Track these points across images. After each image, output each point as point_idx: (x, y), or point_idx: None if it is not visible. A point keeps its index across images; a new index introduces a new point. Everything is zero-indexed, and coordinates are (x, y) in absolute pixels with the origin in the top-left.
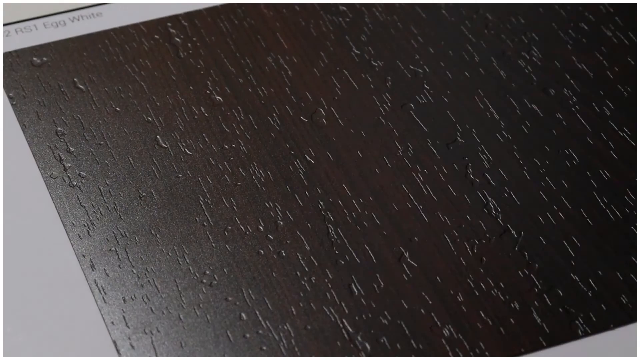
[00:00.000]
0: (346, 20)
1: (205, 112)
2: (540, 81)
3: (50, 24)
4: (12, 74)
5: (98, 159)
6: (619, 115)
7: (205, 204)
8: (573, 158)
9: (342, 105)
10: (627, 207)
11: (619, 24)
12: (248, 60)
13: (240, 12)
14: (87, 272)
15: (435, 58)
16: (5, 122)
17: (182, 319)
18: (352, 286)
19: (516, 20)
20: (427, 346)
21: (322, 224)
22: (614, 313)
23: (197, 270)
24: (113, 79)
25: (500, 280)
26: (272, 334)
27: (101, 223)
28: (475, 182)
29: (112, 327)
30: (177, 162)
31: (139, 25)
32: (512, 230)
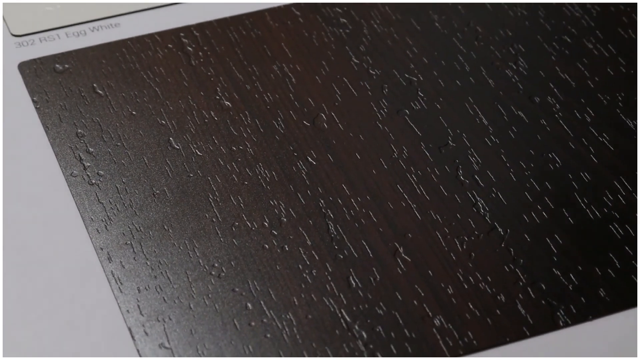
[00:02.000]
0: (346, 31)
1: (215, 116)
2: (526, 90)
3: (72, 34)
4: (36, 79)
5: (115, 159)
6: (599, 121)
7: (215, 201)
8: (556, 161)
9: (342, 110)
10: (606, 207)
11: (599, 37)
12: (255, 68)
13: (248, 23)
14: (104, 264)
15: (429, 67)
16: (29, 124)
17: (192, 308)
18: (350, 279)
19: (504, 33)
20: (419, 335)
21: (322, 221)
22: (593, 305)
23: (207, 263)
24: (129, 85)
25: (488, 275)
26: (276, 323)
27: (118, 218)
28: (465, 183)
29: (128, 315)
30: (189, 163)
31: (154, 35)
32: (499, 228)
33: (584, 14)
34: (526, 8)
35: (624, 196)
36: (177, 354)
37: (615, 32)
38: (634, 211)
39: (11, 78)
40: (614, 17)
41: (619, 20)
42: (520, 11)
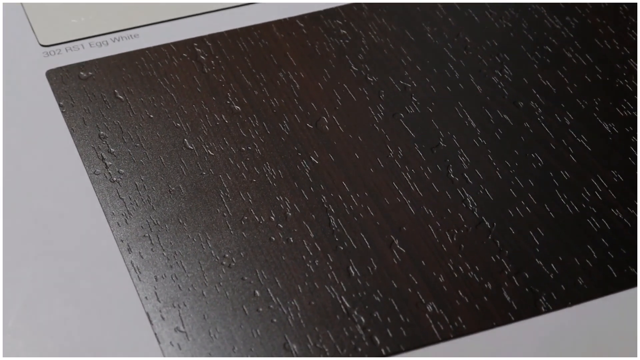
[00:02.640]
0: (346, 42)
1: (226, 119)
2: (510, 95)
3: (95, 44)
4: (62, 86)
5: (134, 159)
6: (578, 124)
7: (225, 197)
8: (538, 161)
9: (342, 114)
10: (584, 203)
11: (577, 47)
12: (262, 75)
13: (256, 34)
14: (124, 255)
15: (422, 75)
16: (56, 127)
17: (205, 295)
18: (349, 268)
19: (491, 43)
20: (413, 320)
21: (324, 215)
22: (572, 292)
23: (218, 254)
24: (147, 91)
25: (476, 264)
26: (282, 309)
27: (137, 213)
28: (455, 181)
29: (146, 301)
30: (202, 162)
31: (169, 45)
32: (486, 222)
33: (563, 26)
34: (510, 20)
35: (601, 193)
36: (191, 337)
37: (592, 43)
38: (610, 206)
39: (39, 85)
40: (591, 29)
41: (596, 31)
42: (506, 23)
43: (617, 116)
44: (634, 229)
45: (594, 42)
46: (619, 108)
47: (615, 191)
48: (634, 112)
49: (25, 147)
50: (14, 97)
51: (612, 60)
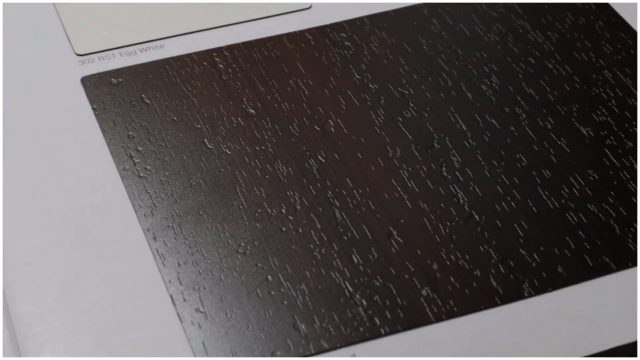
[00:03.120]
0: (350, 53)
1: (242, 122)
2: (498, 101)
3: (125, 53)
4: (95, 90)
5: (159, 157)
6: (558, 128)
7: (241, 192)
8: (522, 161)
9: (346, 117)
10: (563, 199)
11: (558, 59)
12: (274, 82)
13: (269, 45)
14: (150, 243)
15: (418, 83)
16: (89, 128)
17: (223, 279)
18: (352, 256)
19: (480, 55)
20: (409, 303)
21: (330, 209)
22: (552, 279)
23: (234, 243)
24: (171, 96)
25: (466, 253)
26: (291, 292)
27: (161, 205)
28: (448, 178)
29: (169, 285)
30: (220, 160)
31: (191, 55)
32: (475, 216)
33: (545, 40)
34: (498, 35)
35: (578, 190)
36: (210, 317)
37: (571, 55)
38: (586, 202)
39: (75, 90)
40: (570, 43)
41: (574, 45)
42: (493, 37)
43: (593, 121)
44: (608, 223)
45: (572, 55)
46: (594, 114)
47: (591, 189)
48: (608, 118)
49: (62, 145)
50: (53, 101)
51: (588, 71)
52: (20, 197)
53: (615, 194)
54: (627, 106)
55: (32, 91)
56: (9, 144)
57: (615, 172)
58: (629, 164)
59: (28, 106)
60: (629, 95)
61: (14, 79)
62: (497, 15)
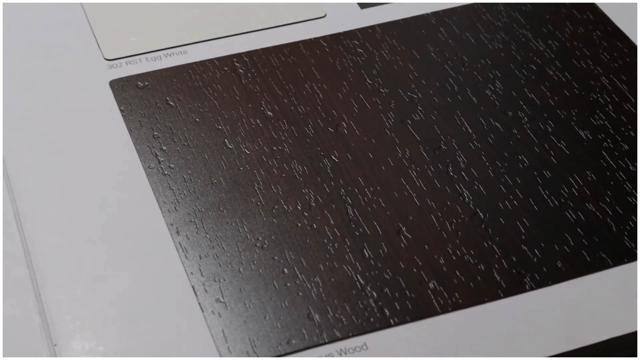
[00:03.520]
0: (362, 59)
1: (260, 123)
2: (501, 106)
3: (150, 58)
4: (123, 93)
5: (182, 156)
6: (558, 131)
7: (259, 189)
8: (524, 162)
9: (358, 120)
10: (562, 198)
11: (558, 66)
12: (291, 86)
13: (286, 51)
14: (174, 237)
15: (426, 88)
16: (117, 128)
17: (241, 271)
18: (364, 251)
19: (485, 62)
20: (417, 295)
21: (342, 206)
22: (552, 274)
23: (253, 237)
24: (194, 98)
25: (471, 249)
26: (306, 284)
27: (184, 201)
28: (454, 178)
29: (191, 276)
30: (239, 159)
31: (213, 60)
32: (479, 213)
33: (546, 48)
34: (501, 43)
35: (577, 189)
36: (229, 307)
37: (570, 63)
38: (584, 201)
39: (103, 92)
40: (569, 51)
41: (573, 53)
42: (497, 45)
43: (591, 125)
44: (605, 221)
45: (572, 62)
46: (592, 118)
47: (589, 188)
48: (605, 122)
49: (92, 144)
50: (83, 102)
51: (586, 78)
52: (53, 193)
53: (611, 194)
54: (623, 111)
55: (64, 93)
56: (41, 143)
57: (612, 173)
58: (624, 166)
59: (60, 107)
60: (624, 100)
61: (47, 82)
62: (501, 24)
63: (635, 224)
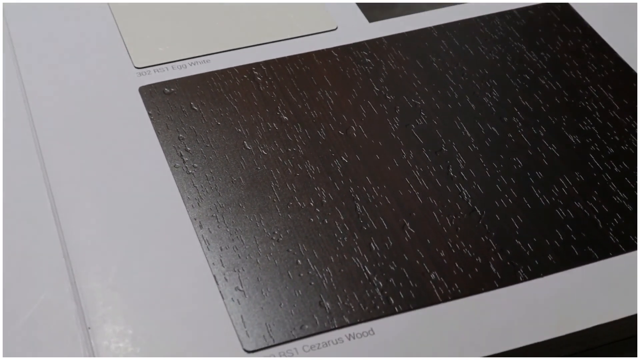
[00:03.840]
0: (370, 68)
1: (276, 127)
2: (498, 112)
3: (176, 67)
4: (151, 98)
5: (205, 156)
6: (549, 136)
7: (275, 187)
8: (518, 163)
9: (366, 124)
10: (553, 197)
11: (549, 76)
12: (305, 93)
13: (300, 61)
14: (197, 230)
15: (429, 95)
16: (145, 130)
17: (259, 262)
18: (371, 244)
19: (482, 72)
20: (420, 285)
21: (351, 203)
22: (544, 266)
23: (269, 231)
24: (216, 103)
25: (469, 243)
26: (318, 274)
27: (207, 198)
28: (454, 178)
29: (213, 267)
30: (257, 159)
31: (233, 69)
32: (477, 210)
33: (538, 60)
34: (498, 54)
35: (566, 189)
36: (247, 295)
37: (561, 73)
38: (573, 200)
39: (133, 98)
40: (560, 63)
41: (564, 64)
42: (494, 56)
43: (580, 130)
44: (592, 218)
45: (562, 73)
46: (581, 124)
47: (578, 188)
48: (592, 127)
49: (122, 145)
50: (114, 107)
51: (576, 87)
52: (87, 189)
53: (598, 193)
54: (609, 117)
55: (98, 98)
56: (77, 144)
57: (599, 175)
58: (610, 168)
59: (94, 111)
60: (610, 108)
61: (83, 88)
62: (498, 37)
63: (619, 221)
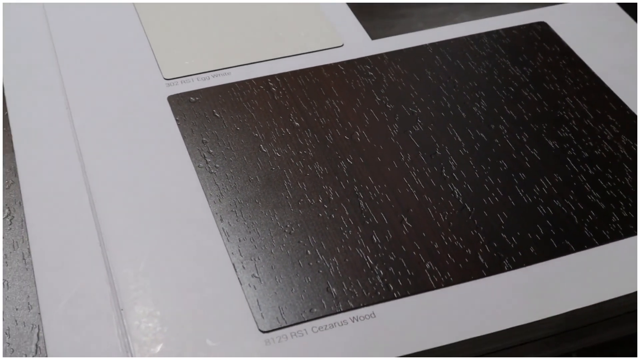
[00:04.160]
0: (372, 80)
1: (289, 132)
2: (486, 120)
3: (201, 78)
4: (178, 106)
5: (226, 157)
6: (531, 141)
7: (288, 186)
8: (504, 166)
9: (369, 130)
10: (535, 195)
11: (531, 88)
12: (314, 102)
13: (311, 73)
14: (218, 223)
15: (424, 104)
16: (173, 134)
17: (273, 252)
18: (372, 237)
19: (472, 84)
20: (416, 273)
21: (355, 200)
22: (526, 257)
23: (282, 224)
24: (236, 111)
25: (460, 236)
26: (326, 263)
27: (227, 195)
28: (447, 178)
29: (232, 256)
30: (272, 160)
31: (251, 80)
32: (467, 207)
33: (522, 74)
34: (486, 69)
35: (546, 189)
36: (262, 281)
37: (542, 86)
38: (552, 198)
39: (162, 106)
40: (541, 76)
41: (544, 78)
42: (482, 70)
43: (558, 136)
44: (569, 214)
45: (542, 85)
46: (559, 131)
47: (556, 188)
48: (569, 134)
49: (153, 147)
50: (146, 113)
51: (554, 98)
52: (121, 185)
53: (574, 192)
54: (584, 125)
55: (132, 105)
56: (112, 146)
57: (575, 176)
58: (585, 170)
59: (128, 117)
60: (585, 117)
61: (119, 97)
62: (485, 54)
63: (593, 217)
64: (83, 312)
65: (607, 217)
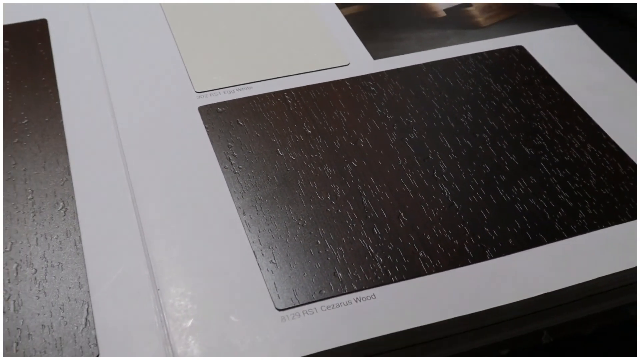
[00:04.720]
0: (374, 94)
1: (302, 138)
2: (471, 129)
3: (227, 91)
4: (207, 116)
5: (247, 160)
6: (510, 148)
7: (301, 184)
8: (487, 169)
9: (371, 137)
10: (513, 195)
11: (510, 103)
12: (324, 112)
13: (321, 88)
14: (240, 216)
15: (419, 116)
16: (202, 140)
17: (288, 242)
18: (374, 229)
19: (460, 99)
20: (410, 261)
21: (359, 197)
22: (505, 248)
23: (296, 217)
24: (256, 120)
25: (449, 229)
26: (334, 252)
27: (249, 192)
28: (438, 179)
29: (253, 244)
30: (287, 163)
31: (270, 93)
32: (455, 204)
33: (502, 90)
34: (472, 85)
35: (523, 189)
36: (279, 266)
37: (519, 100)
38: (528, 197)
39: (194, 115)
40: (519, 92)
41: (521, 94)
42: (468, 87)
43: (533, 144)
44: (542, 211)
45: (520, 100)
46: (534, 139)
47: (532, 188)
48: (543, 142)
49: (185, 152)
50: (180, 122)
51: (530, 111)
52: (158, 183)
53: (547, 192)
54: (555, 135)
55: (167, 115)
56: (150, 149)
57: (547, 179)
58: (556, 173)
59: (164, 125)
60: (556, 127)
61: (156, 108)
62: (471, 72)
63: (562, 214)
64: (125, 291)
65: (575, 214)
